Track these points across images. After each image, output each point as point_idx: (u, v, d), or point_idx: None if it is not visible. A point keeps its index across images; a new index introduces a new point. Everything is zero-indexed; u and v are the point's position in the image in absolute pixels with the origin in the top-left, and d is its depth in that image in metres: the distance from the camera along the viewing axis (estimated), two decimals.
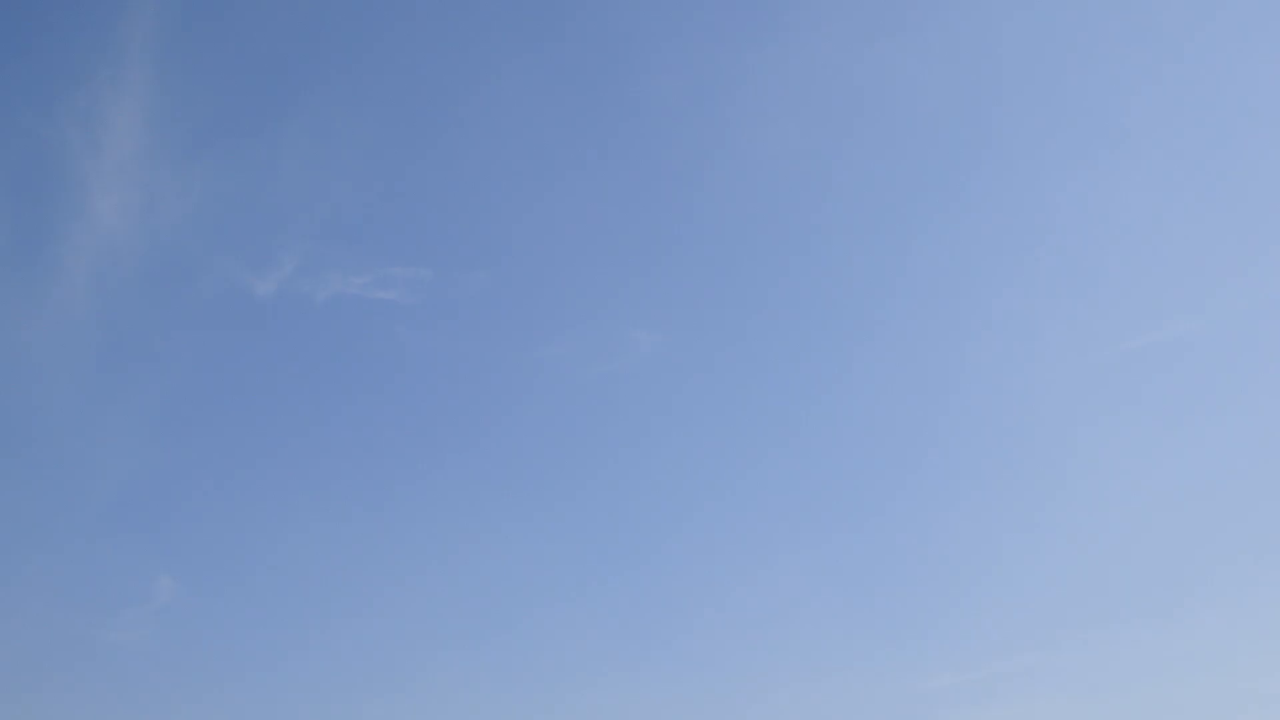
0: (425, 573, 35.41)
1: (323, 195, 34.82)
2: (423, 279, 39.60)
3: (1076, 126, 33.16)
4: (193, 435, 35.81)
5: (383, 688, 31.46)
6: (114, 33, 27.32)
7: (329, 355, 37.41)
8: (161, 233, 36.41)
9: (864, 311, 37.54)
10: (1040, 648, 34.61)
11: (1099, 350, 35.43)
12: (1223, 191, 33.67)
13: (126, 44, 27.25)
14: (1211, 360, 33.99)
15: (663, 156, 34.70)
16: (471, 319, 38.18)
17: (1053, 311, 35.49)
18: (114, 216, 35.62)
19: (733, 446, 37.66)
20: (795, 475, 37.55)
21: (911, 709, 32.04)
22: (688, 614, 35.11)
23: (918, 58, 27.05)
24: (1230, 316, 33.86)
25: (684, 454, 37.64)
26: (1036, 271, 37.13)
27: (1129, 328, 34.78)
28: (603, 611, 36.83)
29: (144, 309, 35.53)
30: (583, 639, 34.30)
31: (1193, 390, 35.03)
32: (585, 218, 38.85)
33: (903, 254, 36.67)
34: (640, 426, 37.80)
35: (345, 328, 37.45)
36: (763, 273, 38.62)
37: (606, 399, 36.46)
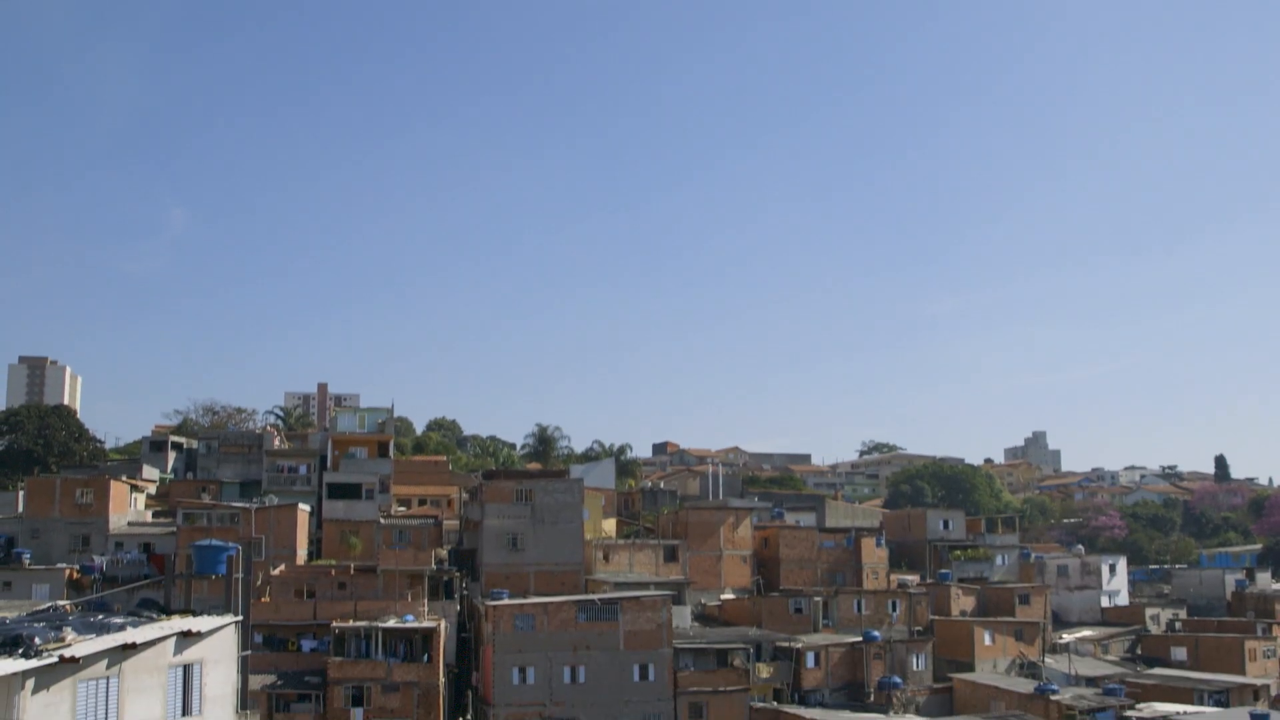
0: (437, 188, 35.89)
1: None
2: None
3: None
4: (193, 61, 35.80)
5: (391, 292, 31.84)
6: None
7: None
8: None
9: None
10: (1044, 274, 35.52)
11: None
12: None
13: None
14: None
15: None
16: None
17: None
18: None
19: (745, 57, 37.08)
20: (803, 98, 37.29)
21: (914, 331, 33.31)
22: (696, 230, 35.96)
23: None
24: None
25: (698, 75, 37.15)
26: None
27: None
28: (617, 225, 37.22)
29: None
30: (596, 251, 35.34)
31: (1210, 26, 34.81)
32: None
33: None
34: (655, 42, 37.61)
35: None
36: None
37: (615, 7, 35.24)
